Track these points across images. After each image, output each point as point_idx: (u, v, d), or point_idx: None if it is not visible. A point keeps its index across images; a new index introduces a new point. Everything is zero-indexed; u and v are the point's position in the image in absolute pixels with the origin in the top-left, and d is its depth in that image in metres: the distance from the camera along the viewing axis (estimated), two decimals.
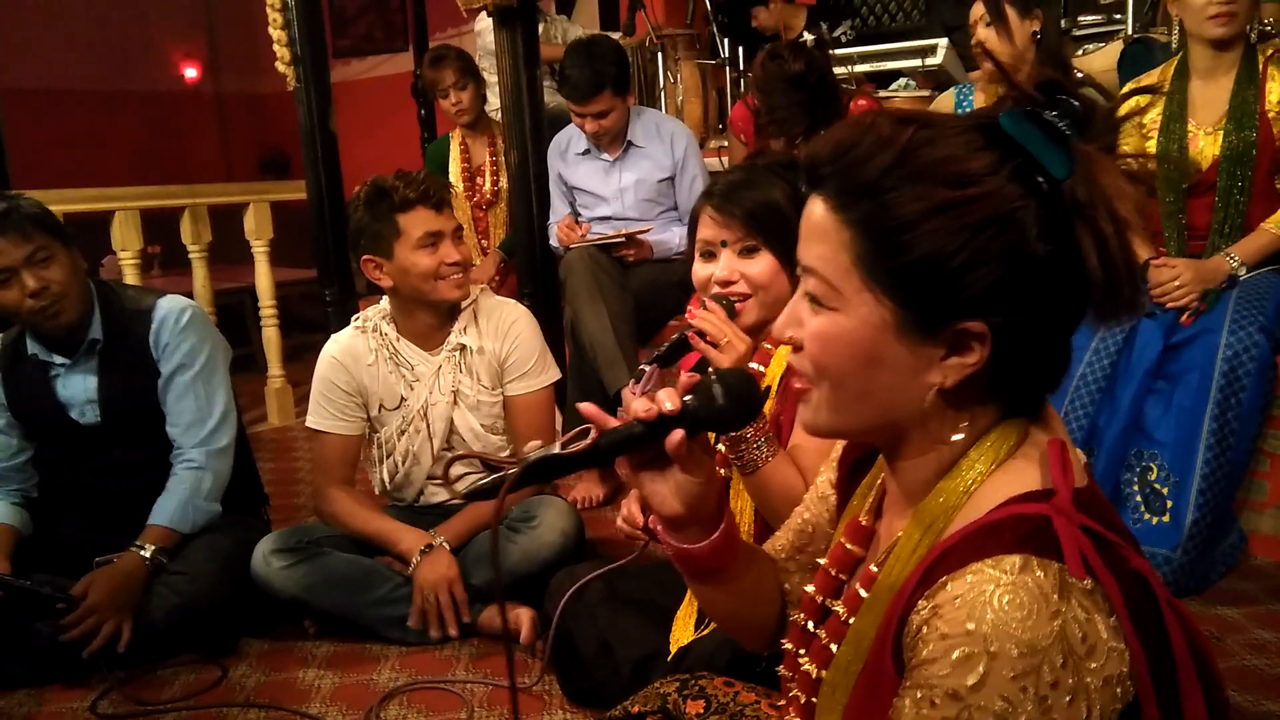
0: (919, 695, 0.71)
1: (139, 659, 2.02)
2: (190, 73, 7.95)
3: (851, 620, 0.86)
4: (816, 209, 0.79)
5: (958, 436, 0.80)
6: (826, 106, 2.90)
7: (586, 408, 0.92)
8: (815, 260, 0.79)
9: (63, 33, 6.88)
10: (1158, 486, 2.24)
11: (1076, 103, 0.74)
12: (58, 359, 2.18)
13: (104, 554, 2.06)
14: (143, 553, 2.06)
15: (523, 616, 2.03)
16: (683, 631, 1.64)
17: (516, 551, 2.11)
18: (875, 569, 0.86)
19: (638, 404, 0.87)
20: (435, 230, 2.11)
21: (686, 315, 1.59)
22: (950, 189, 0.73)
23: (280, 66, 3.87)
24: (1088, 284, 0.74)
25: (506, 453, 2.29)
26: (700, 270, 1.60)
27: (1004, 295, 0.74)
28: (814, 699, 0.89)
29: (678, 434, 0.86)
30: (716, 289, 1.56)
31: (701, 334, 1.49)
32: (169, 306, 2.23)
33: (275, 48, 3.79)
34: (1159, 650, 0.74)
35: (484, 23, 4.31)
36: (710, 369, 0.93)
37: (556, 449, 0.88)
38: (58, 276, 2.08)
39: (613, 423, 0.88)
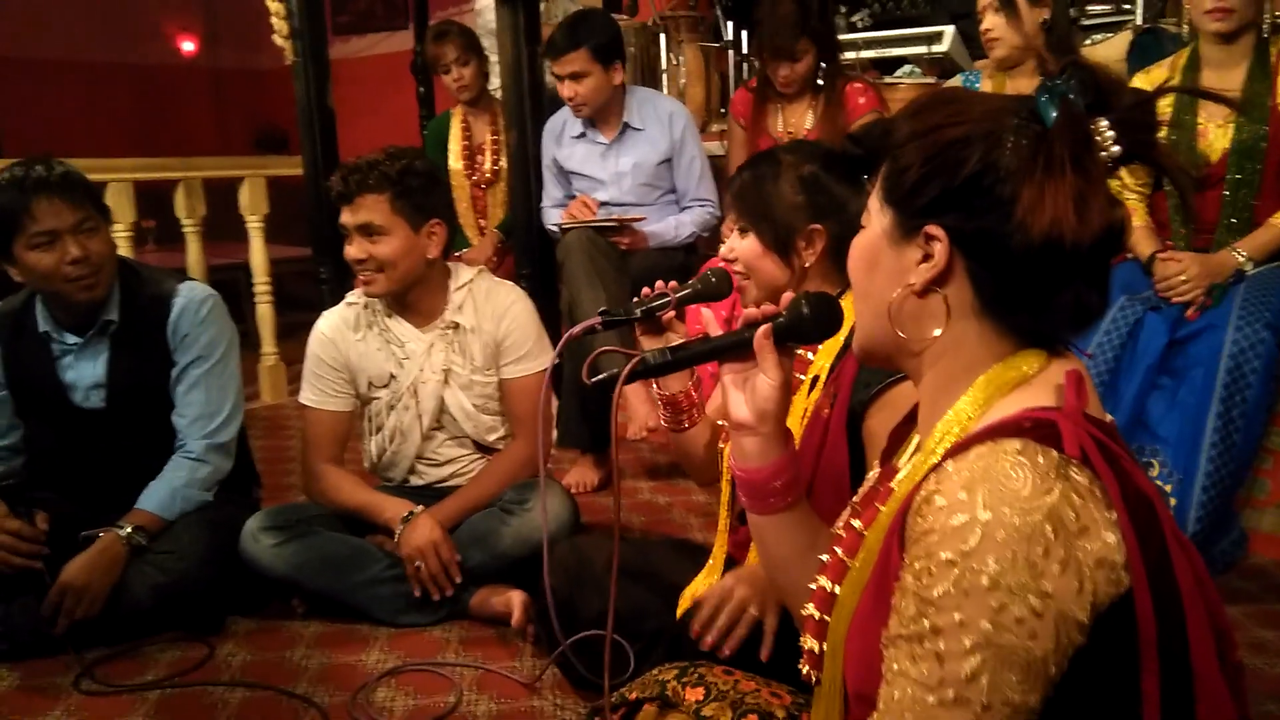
0: (918, 566, 0.75)
1: (124, 636, 1.99)
2: (187, 46, 7.88)
3: (867, 532, 0.90)
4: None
5: (942, 330, 0.87)
6: (824, 41, 2.91)
7: (705, 313, 1.13)
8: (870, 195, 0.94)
9: (55, 4, 6.80)
10: (1160, 483, 2.22)
11: (1084, 81, 0.83)
12: (70, 338, 2.14)
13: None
14: (121, 532, 2.02)
15: (514, 600, 2.01)
16: (688, 603, 1.60)
17: (509, 534, 2.09)
18: (894, 485, 0.90)
19: (748, 310, 1.06)
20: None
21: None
22: (939, 118, 0.86)
23: (278, 40, 3.81)
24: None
25: (498, 434, 2.26)
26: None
27: (958, 200, 0.83)
28: (827, 616, 0.92)
29: (765, 326, 1.02)
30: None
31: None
32: (190, 294, 2.19)
33: (273, 20, 3.74)
34: (1160, 571, 0.74)
35: (485, 1, 4.25)
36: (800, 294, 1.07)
37: (676, 344, 1.08)
38: (99, 249, 2.07)
39: (717, 331, 1.10)
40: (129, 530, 2.03)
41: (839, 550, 0.94)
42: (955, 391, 0.86)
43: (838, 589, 0.91)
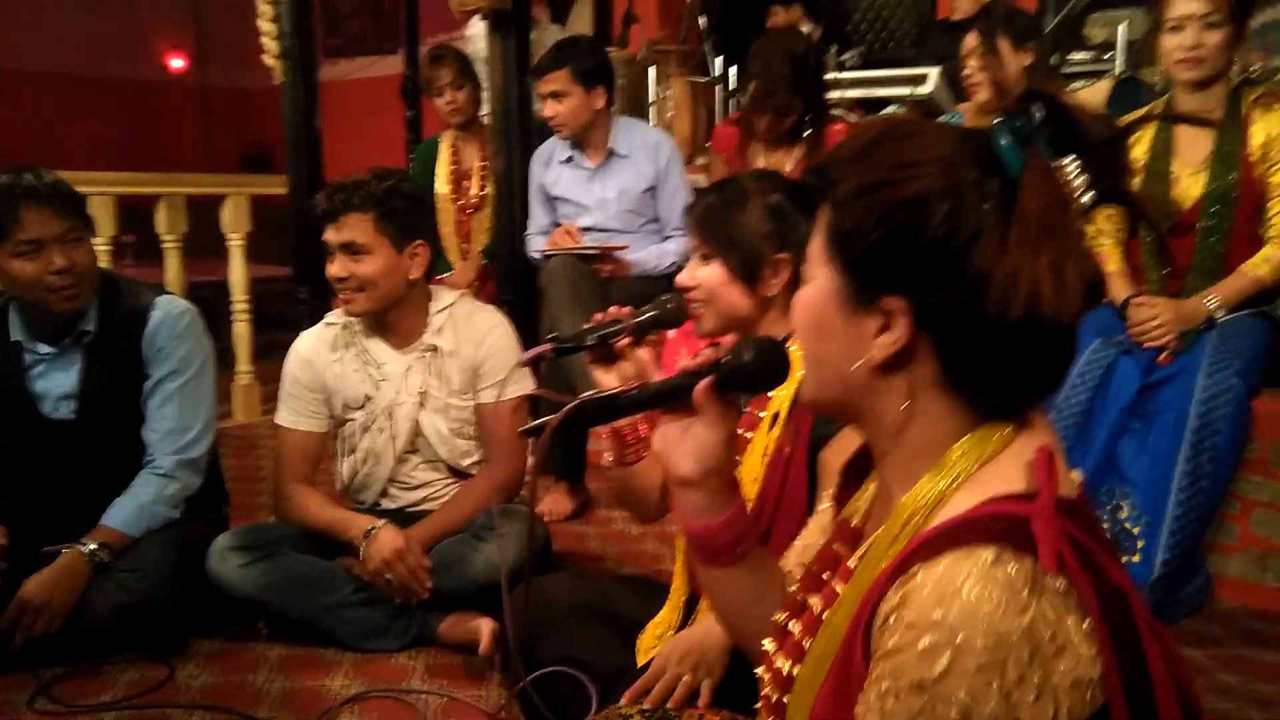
0: (884, 686, 0.70)
1: (84, 655, 1.96)
2: (176, 63, 7.89)
3: (825, 614, 0.86)
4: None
5: (904, 405, 0.81)
6: (817, 101, 2.91)
7: (641, 353, 1.09)
8: (812, 238, 0.86)
9: (45, 15, 6.80)
10: (1128, 525, 2.23)
11: (1048, 113, 0.77)
12: (42, 348, 2.12)
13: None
14: (84, 549, 1.99)
15: (483, 627, 1.99)
16: (651, 643, 1.59)
17: (480, 560, 2.07)
18: (853, 565, 0.86)
19: (684, 360, 0.97)
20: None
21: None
22: (886, 172, 0.78)
23: (268, 60, 3.83)
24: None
25: (473, 459, 2.25)
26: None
27: (917, 273, 0.77)
28: (785, 699, 0.88)
29: (706, 380, 0.94)
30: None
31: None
32: (168, 308, 2.18)
33: (264, 40, 3.76)
34: (1135, 668, 0.72)
35: (475, 28, 4.29)
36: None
37: (608, 391, 1.01)
38: (83, 259, 2.06)
39: (658, 376, 1.01)
40: (92, 547, 2.00)
41: (794, 628, 0.90)
42: (920, 465, 0.81)
43: (796, 670, 0.87)
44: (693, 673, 1.40)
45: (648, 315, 1.48)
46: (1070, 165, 0.77)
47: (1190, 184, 2.41)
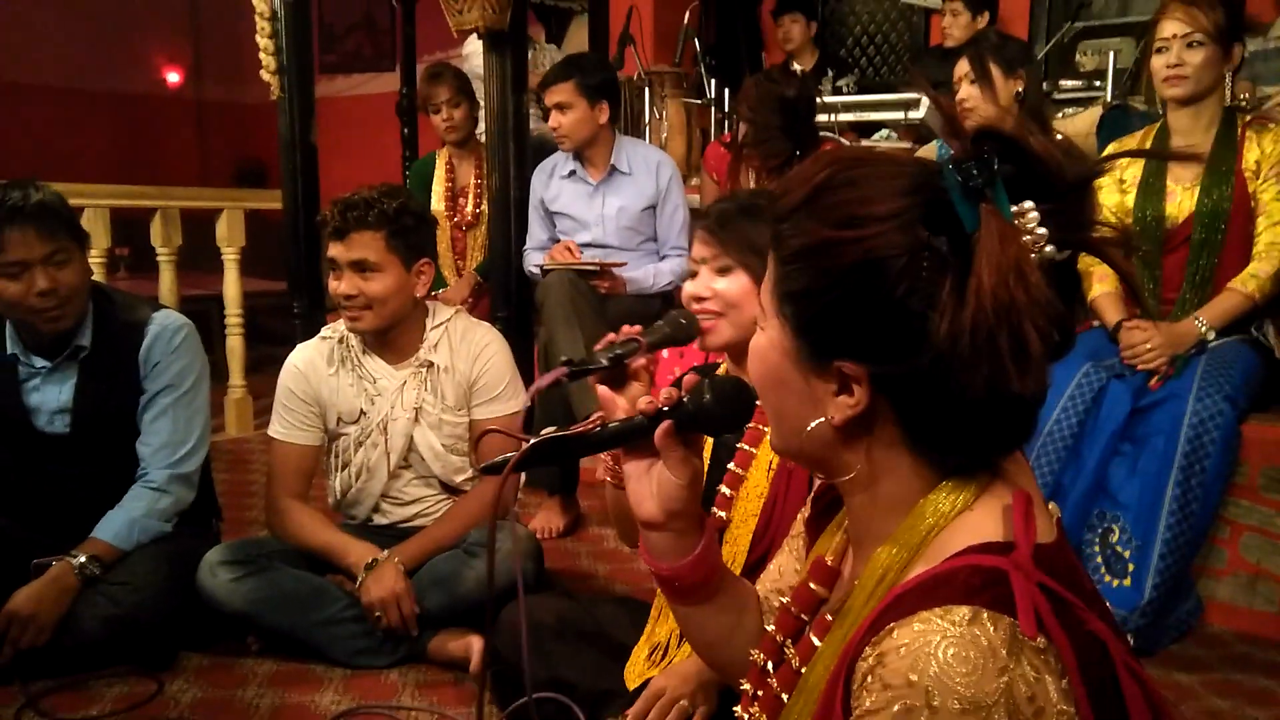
0: None
1: (73, 668, 1.94)
2: (173, 77, 7.90)
3: (804, 670, 0.84)
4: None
5: (868, 462, 0.79)
6: (807, 138, 2.93)
7: (603, 391, 1.04)
8: (763, 281, 0.83)
9: (41, 27, 6.82)
10: (1119, 549, 2.24)
11: (1007, 155, 0.72)
12: (38, 361, 2.11)
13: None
14: (74, 561, 1.98)
15: (473, 645, 1.98)
16: (639, 666, 1.59)
17: (472, 577, 2.06)
18: (830, 618, 0.84)
19: (643, 400, 0.94)
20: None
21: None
22: (833, 229, 0.74)
23: (265, 75, 3.84)
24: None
25: (466, 475, 2.24)
26: (684, 288, 1.58)
27: (873, 341, 0.74)
28: None
29: (666, 424, 0.91)
30: (693, 305, 1.52)
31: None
32: (164, 322, 2.17)
33: (261, 56, 3.77)
34: (1115, 717, 0.71)
35: (471, 46, 4.31)
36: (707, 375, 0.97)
37: (566, 431, 0.96)
38: (69, 280, 2.03)
39: (621, 414, 0.99)
40: (82, 560, 1.99)
41: (773, 681, 0.89)
42: (891, 517, 0.79)
43: None
44: (691, 698, 1.40)
45: (661, 333, 1.42)
46: (1030, 213, 0.72)
47: (1185, 199, 2.45)
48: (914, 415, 0.76)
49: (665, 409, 0.92)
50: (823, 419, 0.78)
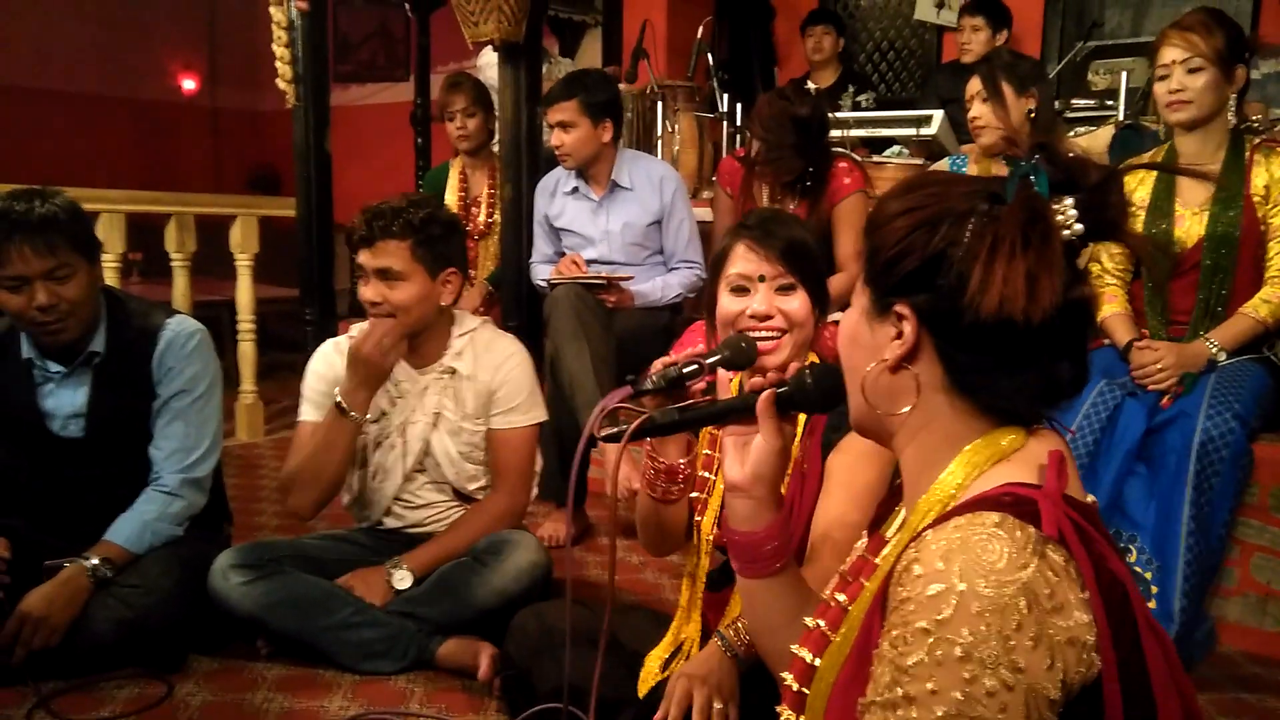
0: (895, 634, 0.76)
1: (84, 670, 1.95)
2: (188, 84, 7.95)
3: (851, 608, 0.91)
4: None
5: (907, 407, 0.90)
6: (820, 155, 2.93)
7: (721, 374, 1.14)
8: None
9: (59, 33, 6.88)
10: (1139, 570, 2.23)
11: (1047, 159, 0.86)
12: (53, 366, 2.12)
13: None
14: (86, 563, 1.99)
15: (482, 652, 1.98)
16: (653, 673, 1.60)
17: (481, 585, 2.07)
18: (877, 561, 0.93)
19: (754, 379, 1.11)
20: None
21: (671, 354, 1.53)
22: (919, 198, 0.89)
23: (280, 83, 3.88)
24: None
25: (479, 484, 2.25)
26: (731, 305, 1.52)
27: (918, 280, 0.87)
28: (806, 688, 0.93)
29: (769, 392, 1.07)
30: (750, 323, 1.49)
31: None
32: (177, 328, 2.18)
33: (277, 64, 3.81)
34: (1131, 655, 0.75)
35: (486, 58, 4.34)
36: (807, 365, 1.11)
37: (682, 404, 1.16)
38: (71, 295, 2.02)
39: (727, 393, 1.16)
40: (95, 562, 2.00)
41: (821, 622, 0.95)
42: (936, 467, 0.88)
43: (818, 661, 0.92)
44: (718, 694, 1.40)
45: (722, 356, 1.40)
46: (1066, 202, 0.85)
47: (1193, 223, 2.45)
48: (948, 347, 0.87)
49: (769, 387, 1.07)
50: (878, 362, 0.90)
